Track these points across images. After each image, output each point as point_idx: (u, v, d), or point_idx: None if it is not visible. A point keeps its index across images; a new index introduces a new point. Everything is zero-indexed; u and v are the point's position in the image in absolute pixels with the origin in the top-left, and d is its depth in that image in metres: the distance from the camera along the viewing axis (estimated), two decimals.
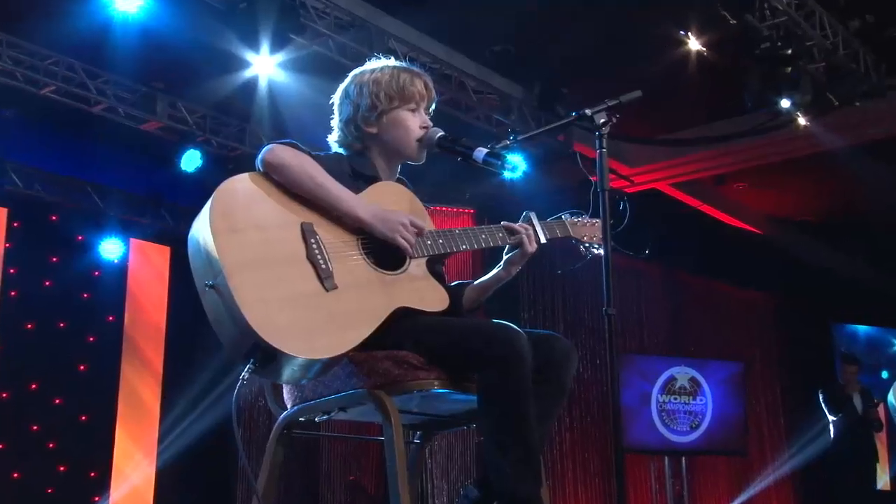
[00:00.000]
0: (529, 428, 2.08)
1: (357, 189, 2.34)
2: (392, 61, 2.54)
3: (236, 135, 7.07)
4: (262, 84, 6.00)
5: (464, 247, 2.40)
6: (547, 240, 2.54)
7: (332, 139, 2.56)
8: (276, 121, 6.56)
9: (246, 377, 2.03)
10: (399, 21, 5.88)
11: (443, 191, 8.10)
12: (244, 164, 7.01)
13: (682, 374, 8.79)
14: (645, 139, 7.34)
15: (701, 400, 8.78)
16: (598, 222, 2.64)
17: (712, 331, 10.16)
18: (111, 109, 6.33)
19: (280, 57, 5.64)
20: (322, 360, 2.04)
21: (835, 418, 7.83)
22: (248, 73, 5.88)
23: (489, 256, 2.64)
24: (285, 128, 6.59)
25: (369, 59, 2.57)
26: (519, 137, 2.52)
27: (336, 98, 2.55)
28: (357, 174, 2.41)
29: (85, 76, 6.06)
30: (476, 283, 2.56)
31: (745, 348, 10.27)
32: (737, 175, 8.42)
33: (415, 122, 2.48)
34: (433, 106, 2.57)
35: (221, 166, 7.03)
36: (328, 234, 2.21)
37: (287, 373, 2.06)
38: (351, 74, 2.54)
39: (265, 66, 5.76)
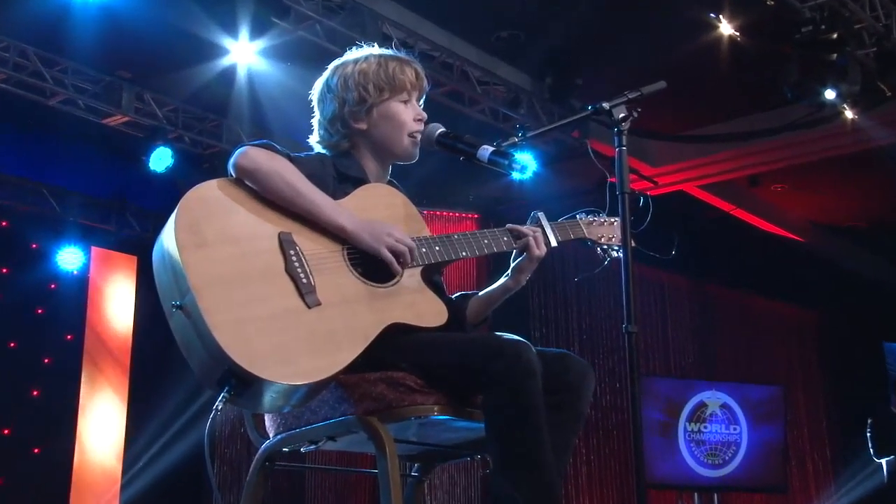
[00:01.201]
0: (545, 452, 2.07)
1: (344, 193, 2.35)
2: (376, 49, 2.56)
3: (212, 131, 7.10)
4: (241, 74, 6.03)
5: (464, 254, 2.40)
6: (559, 242, 2.54)
7: (313, 139, 2.57)
8: (257, 115, 6.59)
9: (220, 407, 2.02)
10: (394, 3, 5.91)
11: (443, 193, 8.13)
12: (221, 163, 7.01)
13: (714, 399, 8.79)
14: (670, 135, 7.36)
15: (735, 429, 8.78)
16: (616, 221, 2.63)
17: (747, 351, 10.16)
18: (70, 101, 6.35)
19: (261, 43, 5.67)
20: (306, 385, 2.04)
21: (883, 460, 7.52)
22: (225, 62, 5.91)
23: (495, 264, 2.66)
24: (267, 123, 6.61)
25: (361, 47, 2.58)
26: (528, 134, 2.52)
27: (315, 93, 2.56)
28: (343, 177, 2.42)
29: (40, 64, 6.07)
30: (480, 294, 2.56)
31: (784, 371, 10.27)
32: (774, 175, 8.44)
33: (408, 115, 2.49)
34: (424, 96, 2.58)
35: (195, 166, 7.06)
36: (309, 244, 2.21)
37: (267, 401, 2.06)
38: (331, 66, 2.56)
39: (244, 53, 5.79)
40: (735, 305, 10.27)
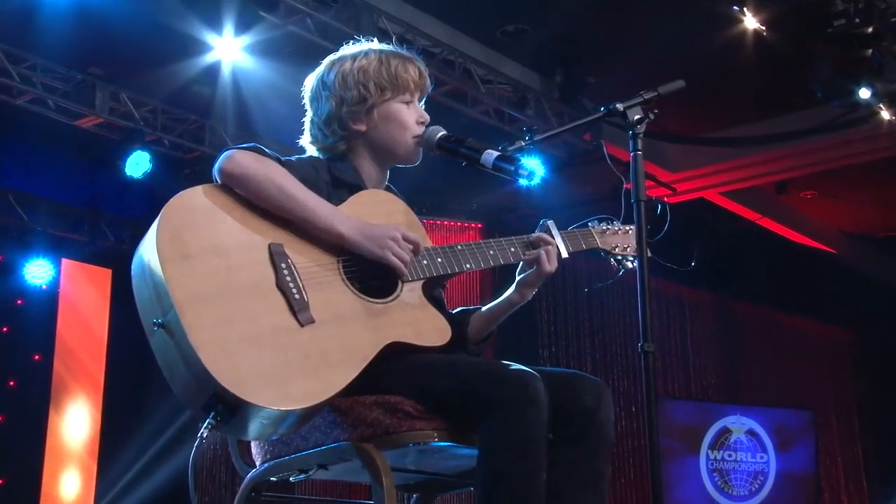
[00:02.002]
0: (535, 498, 2.06)
1: (339, 200, 2.36)
2: (375, 44, 2.58)
3: (194, 133, 7.12)
4: (226, 71, 6.05)
5: (468, 266, 2.42)
6: (570, 253, 2.55)
7: (305, 141, 2.58)
8: (243, 116, 6.61)
9: (205, 434, 2.03)
10: None
11: (444, 201, 8.15)
12: (203, 168, 7.05)
13: (739, 425, 8.78)
14: (690, 138, 7.39)
15: (762, 457, 8.77)
16: (631, 229, 2.64)
17: (775, 373, 10.16)
18: (39, 101, 6.36)
19: (247, 39, 5.69)
20: (298, 410, 2.05)
21: None
22: (208, 59, 5.94)
23: (502, 277, 2.68)
24: (254, 125, 6.63)
25: (358, 42, 2.60)
26: (536, 137, 2.54)
27: (307, 91, 2.58)
28: (338, 182, 2.44)
29: (6, 60, 6.09)
30: (484, 309, 2.57)
31: (816, 394, 10.26)
32: (804, 181, 8.46)
33: (411, 116, 2.51)
34: (425, 97, 2.60)
35: (175, 171, 7.08)
36: (302, 257, 2.23)
37: (255, 427, 2.07)
38: (326, 62, 2.57)
39: (229, 49, 5.81)
40: (761, 323, 10.27)
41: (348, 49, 2.58)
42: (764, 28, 5.98)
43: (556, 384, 2.22)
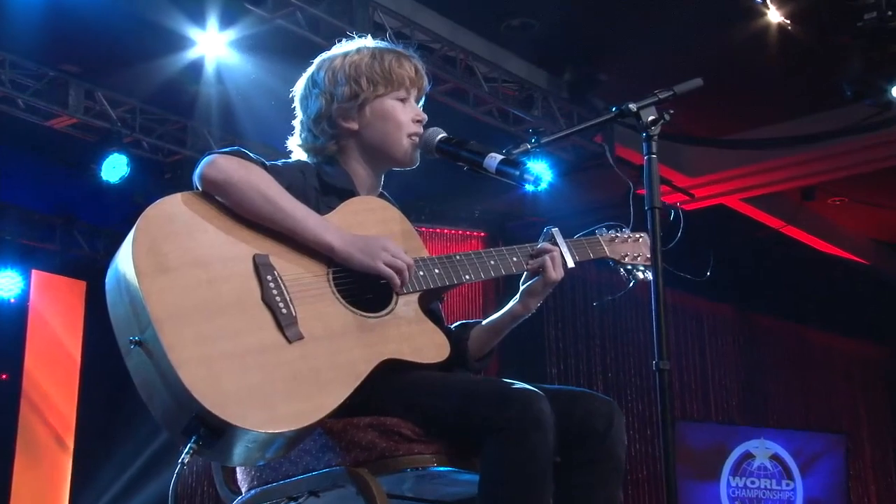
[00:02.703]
0: None
1: (328, 208, 2.38)
2: (369, 41, 2.61)
3: (175, 135, 7.14)
4: (210, 69, 6.08)
5: (467, 277, 2.43)
6: (576, 263, 2.57)
7: (294, 143, 2.61)
8: (228, 117, 6.62)
9: (186, 460, 2.03)
10: None
11: (443, 208, 8.17)
12: (185, 172, 7.05)
13: (763, 449, 8.77)
14: (709, 140, 7.40)
15: (788, 485, 8.75)
16: (642, 237, 2.67)
17: (802, 393, 10.16)
18: (7, 100, 6.36)
19: (232, 34, 5.72)
20: (287, 433, 2.06)
21: None
22: (190, 55, 5.96)
23: (506, 288, 2.69)
24: (239, 126, 6.64)
25: (350, 38, 2.62)
26: (543, 139, 2.55)
27: (298, 91, 2.61)
28: (328, 188, 2.45)
29: None
30: (485, 322, 2.58)
31: (847, 416, 10.26)
32: (833, 187, 8.47)
33: (406, 114, 2.53)
34: (424, 97, 2.62)
35: (155, 176, 7.09)
36: (289, 269, 2.24)
37: (240, 452, 2.08)
38: (317, 61, 2.60)
39: (213, 45, 5.84)
40: (787, 339, 10.28)
41: (341, 47, 2.60)
42: (788, 22, 5.99)
43: (564, 404, 2.23)
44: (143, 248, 2.12)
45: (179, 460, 2.05)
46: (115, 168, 6.81)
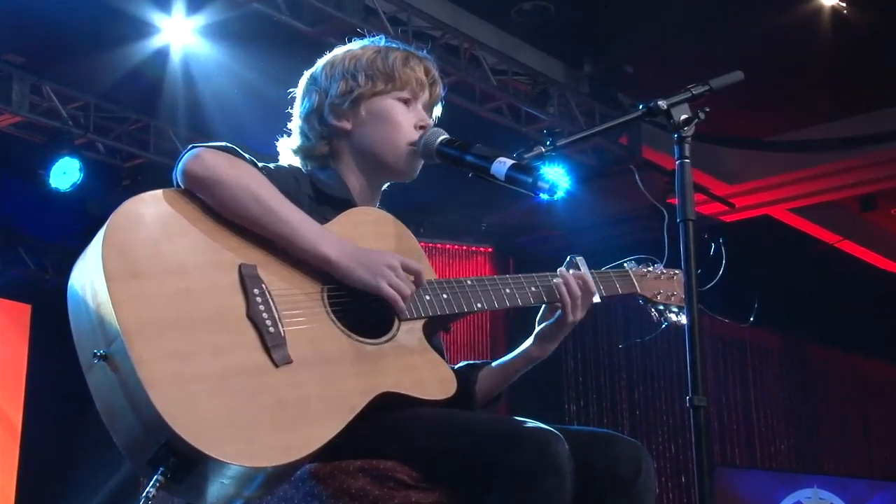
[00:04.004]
0: None
1: (322, 219, 2.41)
2: (383, 40, 2.65)
3: (135, 135, 7.17)
4: (176, 59, 6.12)
5: (479, 306, 2.47)
6: (603, 298, 2.62)
7: (286, 145, 2.66)
8: (197, 115, 6.64)
9: (152, 494, 2.05)
10: None
11: (446, 221, 8.18)
12: (147, 179, 7.07)
13: (816, 500, 8.75)
14: (751, 141, 7.42)
15: None
16: (678, 274, 2.72)
17: (862, 435, 10.14)
18: None
19: (202, 19, 5.77)
20: (268, 468, 2.07)
21: None
22: (154, 44, 6.00)
23: (518, 317, 2.72)
24: (210, 125, 6.66)
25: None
26: (560, 141, 2.58)
27: (299, 89, 2.66)
28: (322, 196, 2.50)
29: None
30: (495, 365, 2.63)
31: None
32: (895, 195, 8.48)
33: (407, 117, 2.58)
34: (439, 106, 2.67)
35: (112, 183, 7.12)
36: (279, 282, 2.27)
37: (214, 489, 2.08)
38: (322, 59, 2.65)
39: (180, 32, 5.89)
40: (843, 372, 10.26)
41: (353, 44, 2.65)
42: (844, 4, 6.00)
43: (584, 447, 2.26)
44: (113, 250, 2.14)
45: (143, 494, 2.06)
46: (65, 174, 6.80)
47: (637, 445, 2.38)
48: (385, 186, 2.69)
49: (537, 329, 2.61)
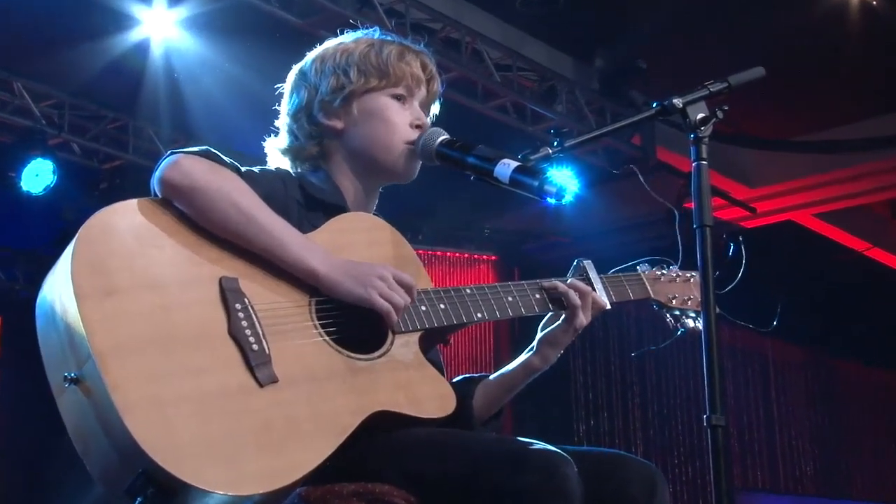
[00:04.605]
0: None
1: (312, 226, 2.41)
2: (377, 33, 2.66)
3: (113, 135, 7.17)
4: (157, 53, 6.12)
5: (479, 316, 2.47)
6: (613, 304, 2.61)
7: (274, 146, 2.66)
8: (179, 113, 6.65)
9: None
10: None
11: (446, 227, 8.18)
12: (126, 182, 7.09)
13: None
14: (773, 142, 7.43)
15: None
16: (694, 277, 2.70)
17: (893, 456, 10.12)
18: None
19: (184, 11, 5.78)
20: (255, 496, 2.07)
21: None
22: (133, 37, 6.02)
23: (522, 329, 2.72)
24: (193, 124, 6.67)
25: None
26: (568, 142, 2.57)
27: (287, 84, 2.67)
28: (312, 201, 2.49)
29: None
30: (493, 377, 2.62)
31: None
32: None
33: (402, 116, 2.58)
34: (437, 104, 2.67)
35: (88, 186, 7.12)
36: (263, 296, 2.27)
37: None
38: (312, 52, 2.66)
39: (161, 25, 5.90)
40: (875, 388, 10.26)
41: (344, 37, 2.66)
42: None
43: (594, 469, 2.26)
44: (84, 265, 2.13)
45: None
46: (37, 176, 6.80)
47: (650, 467, 2.39)
48: (380, 190, 2.68)
49: (540, 334, 2.60)
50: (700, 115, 2.44)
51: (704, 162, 2.44)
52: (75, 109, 6.99)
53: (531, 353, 2.60)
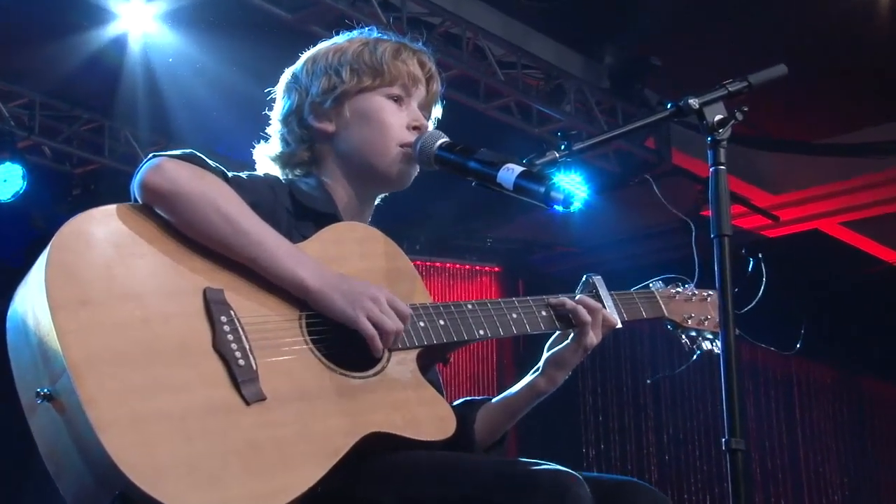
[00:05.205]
0: None
1: (303, 236, 2.43)
2: (375, 32, 2.67)
3: (88, 138, 7.18)
4: (135, 50, 6.13)
5: (481, 333, 2.48)
6: (624, 323, 2.63)
7: (264, 152, 2.68)
8: (158, 114, 6.64)
9: None
10: None
11: (446, 236, 8.18)
12: (102, 187, 7.08)
13: None
14: (798, 145, 7.43)
15: None
16: (711, 296, 2.73)
17: None
18: None
19: (164, 4, 5.79)
20: None
21: None
22: (110, 32, 6.02)
23: (527, 346, 2.73)
24: (174, 125, 6.67)
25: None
26: (577, 145, 2.58)
27: (279, 88, 2.69)
28: (302, 210, 2.51)
29: None
30: (496, 400, 2.64)
31: None
32: None
33: (398, 117, 2.60)
34: (438, 106, 2.69)
35: (61, 192, 7.11)
36: (251, 309, 2.28)
37: None
38: (305, 54, 2.68)
39: (140, 19, 5.90)
40: None
41: (341, 37, 2.68)
42: None
43: (604, 496, 2.27)
44: (59, 274, 2.14)
45: None
46: (6, 182, 6.81)
47: (660, 497, 2.40)
48: (378, 200, 2.70)
49: (546, 354, 2.62)
50: (718, 117, 2.45)
51: (723, 166, 2.44)
52: (47, 110, 6.99)
53: (536, 374, 2.61)
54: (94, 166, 7.20)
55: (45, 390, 2.07)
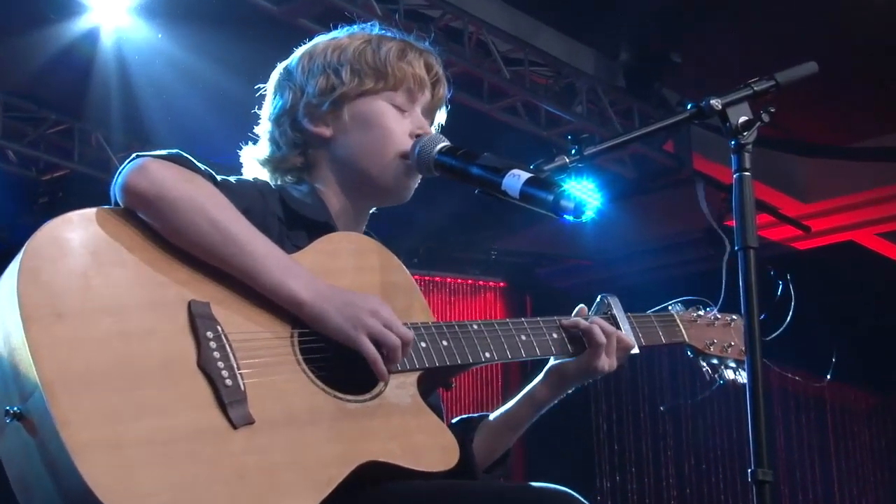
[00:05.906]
0: None
1: (295, 246, 2.44)
2: (377, 28, 2.69)
3: (55, 141, 7.20)
4: (107, 44, 6.15)
5: (487, 355, 2.50)
6: (642, 348, 2.66)
7: (252, 155, 2.70)
8: (133, 115, 6.65)
9: None
10: None
11: (447, 248, 8.19)
12: (71, 195, 7.08)
13: None
14: (829, 149, 7.43)
15: None
16: (735, 321, 2.75)
17: None
18: None
19: None
20: None
21: None
22: (80, 26, 6.05)
23: (535, 369, 2.74)
24: (151, 127, 6.68)
25: (351, 23, 2.70)
26: (590, 149, 2.59)
27: (270, 85, 2.70)
28: (295, 218, 2.52)
29: None
30: (495, 416, 2.67)
31: None
32: None
33: (401, 124, 2.61)
34: (443, 111, 2.73)
35: (26, 200, 7.13)
36: (239, 324, 2.29)
37: None
38: (300, 49, 2.69)
39: (112, 12, 5.92)
40: None
41: (339, 32, 2.69)
42: None
43: None
44: (32, 283, 2.14)
45: None
46: None
47: None
48: (373, 210, 2.71)
49: (551, 362, 2.64)
50: (743, 119, 2.46)
51: (748, 173, 2.45)
52: (11, 110, 7.01)
53: (539, 382, 2.65)
54: (63, 172, 7.22)
55: (15, 409, 2.08)
